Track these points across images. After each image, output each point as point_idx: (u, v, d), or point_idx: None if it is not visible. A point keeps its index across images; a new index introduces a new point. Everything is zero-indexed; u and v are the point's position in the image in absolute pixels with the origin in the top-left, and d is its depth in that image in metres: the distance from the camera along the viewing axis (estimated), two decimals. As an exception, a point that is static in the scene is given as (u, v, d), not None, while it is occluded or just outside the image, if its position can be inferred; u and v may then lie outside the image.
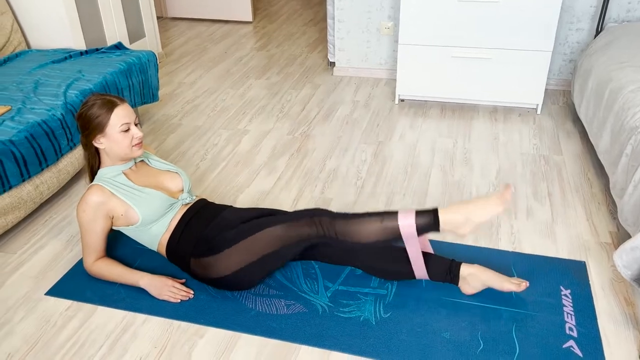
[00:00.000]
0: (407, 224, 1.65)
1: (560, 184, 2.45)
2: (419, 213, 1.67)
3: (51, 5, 2.95)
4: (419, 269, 1.80)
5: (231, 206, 1.98)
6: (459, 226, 1.66)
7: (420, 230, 1.67)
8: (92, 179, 1.88)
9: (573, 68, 3.18)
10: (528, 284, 1.76)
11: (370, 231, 1.67)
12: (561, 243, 2.07)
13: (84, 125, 1.78)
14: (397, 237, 1.68)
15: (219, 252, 1.75)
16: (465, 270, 1.79)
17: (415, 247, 1.72)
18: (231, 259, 1.74)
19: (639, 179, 1.88)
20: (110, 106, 1.77)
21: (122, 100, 1.81)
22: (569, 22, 3.23)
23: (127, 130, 1.79)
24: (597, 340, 1.64)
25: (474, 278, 1.78)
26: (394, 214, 1.68)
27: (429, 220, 1.66)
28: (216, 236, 1.80)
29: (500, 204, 1.65)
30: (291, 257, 1.81)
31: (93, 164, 1.86)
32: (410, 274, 1.83)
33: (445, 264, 1.82)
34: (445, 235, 2.12)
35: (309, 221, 1.71)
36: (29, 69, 2.62)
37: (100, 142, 1.80)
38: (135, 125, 1.82)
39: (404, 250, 1.83)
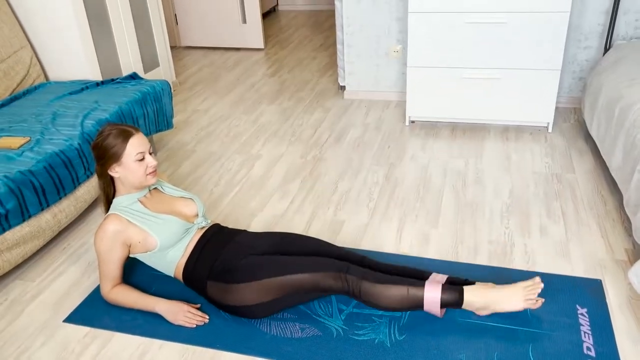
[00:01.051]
0: (431, 297, 1.69)
1: (573, 202, 2.44)
2: (445, 289, 1.70)
3: (68, 38, 3.04)
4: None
5: (245, 230, 2.01)
6: (479, 309, 1.74)
7: (443, 305, 1.72)
8: (107, 207, 1.92)
9: (583, 86, 3.19)
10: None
11: (394, 298, 1.70)
12: (576, 261, 2.06)
13: (99, 155, 1.82)
14: (419, 306, 1.71)
15: (238, 282, 1.76)
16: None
17: (435, 312, 1.73)
18: (250, 293, 1.76)
19: (652, 195, 1.87)
20: (126, 136, 1.81)
21: (137, 130, 1.85)
22: (576, 40, 3.25)
23: (142, 159, 1.83)
24: (616, 360, 1.62)
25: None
26: (420, 284, 1.70)
27: (454, 298, 1.71)
28: (233, 260, 1.81)
29: (524, 300, 1.69)
30: (309, 300, 1.84)
31: (108, 192, 1.90)
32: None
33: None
34: (457, 255, 2.12)
35: (336, 275, 1.73)
36: (47, 101, 2.70)
37: (115, 171, 1.84)
38: (150, 154, 1.86)
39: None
